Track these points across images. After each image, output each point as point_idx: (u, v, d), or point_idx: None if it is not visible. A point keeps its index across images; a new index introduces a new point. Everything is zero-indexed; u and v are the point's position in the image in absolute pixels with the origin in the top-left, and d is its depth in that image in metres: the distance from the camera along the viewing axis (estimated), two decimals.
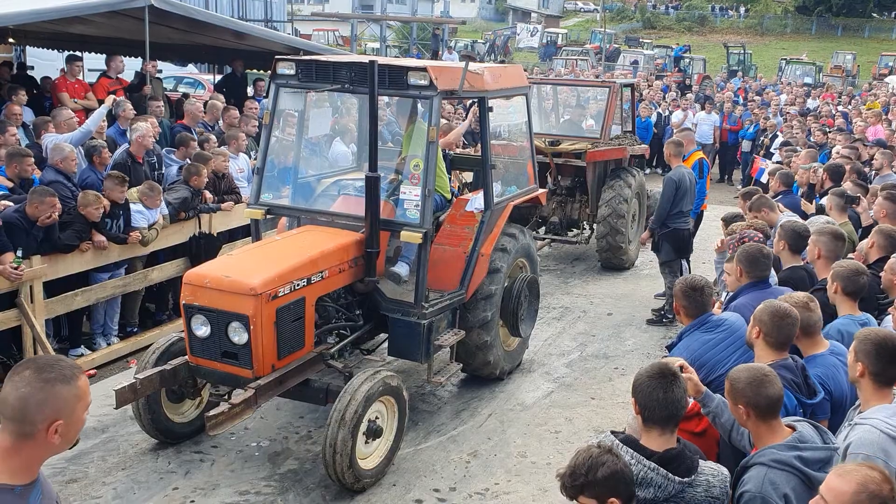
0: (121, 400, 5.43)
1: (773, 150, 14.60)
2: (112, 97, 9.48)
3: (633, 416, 3.22)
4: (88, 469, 5.82)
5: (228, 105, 11.28)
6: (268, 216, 6.69)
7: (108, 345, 7.90)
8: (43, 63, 15.30)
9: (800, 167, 9.78)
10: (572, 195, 11.70)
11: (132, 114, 9.52)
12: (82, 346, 7.75)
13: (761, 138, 16.59)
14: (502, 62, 35.72)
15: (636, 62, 36.70)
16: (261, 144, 6.84)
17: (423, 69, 6.05)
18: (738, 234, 5.68)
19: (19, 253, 6.63)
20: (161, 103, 10.70)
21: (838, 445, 3.16)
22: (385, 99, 7.55)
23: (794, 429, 3.15)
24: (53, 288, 7.24)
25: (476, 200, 6.94)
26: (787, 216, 6.82)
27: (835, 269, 4.64)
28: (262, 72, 14.93)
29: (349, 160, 8.42)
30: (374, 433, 5.64)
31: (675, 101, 21.67)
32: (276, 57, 6.61)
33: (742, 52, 39.82)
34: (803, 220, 6.55)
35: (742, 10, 62.93)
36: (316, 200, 7.00)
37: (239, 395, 5.20)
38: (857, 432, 3.30)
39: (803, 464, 3.01)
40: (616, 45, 44.55)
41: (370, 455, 5.68)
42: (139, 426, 6.02)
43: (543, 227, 11.84)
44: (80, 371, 2.38)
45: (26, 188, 7.26)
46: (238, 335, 5.36)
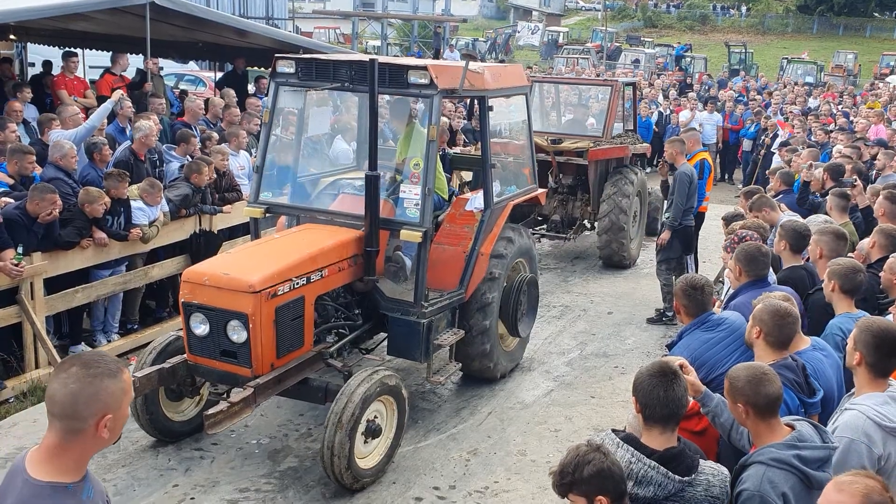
0: None
1: (773, 149, 14.60)
2: (118, 92, 9.48)
3: (634, 415, 3.22)
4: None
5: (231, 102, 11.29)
6: (267, 215, 6.66)
7: (109, 342, 7.91)
8: (44, 60, 15.32)
9: (801, 166, 9.77)
10: (574, 194, 11.72)
11: (131, 111, 9.52)
12: (83, 343, 7.75)
13: (762, 137, 16.58)
14: (502, 61, 35.71)
15: (637, 61, 36.68)
16: (260, 143, 6.82)
17: (424, 68, 6.03)
18: (736, 234, 5.68)
19: (20, 249, 6.64)
20: (163, 100, 10.71)
21: (837, 445, 3.16)
22: (385, 97, 7.50)
23: (793, 428, 3.15)
24: (54, 285, 7.25)
25: (476, 200, 6.91)
26: (788, 216, 6.82)
27: (832, 267, 4.64)
28: (263, 69, 14.95)
29: (350, 158, 8.40)
30: (374, 433, 5.61)
31: (676, 99, 21.63)
32: (276, 55, 6.60)
33: (743, 51, 39.82)
34: (804, 220, 6.55)
35: (743, 9, 62.82)
36: (315, 199, 6.97)
37: (238, 394, 5.17)
38: (845, 417, 3.38)
39: (802, 463, 3.01)
40: (617, 44, 44.51)
41: (369, 454, 5.67)
42: (138, 425, 6.00)
43: (545, 226, 11.83)
44: (124, 365, 2.40)
45: (27, 185, 7.27)
46: (237, 333, 5.33)
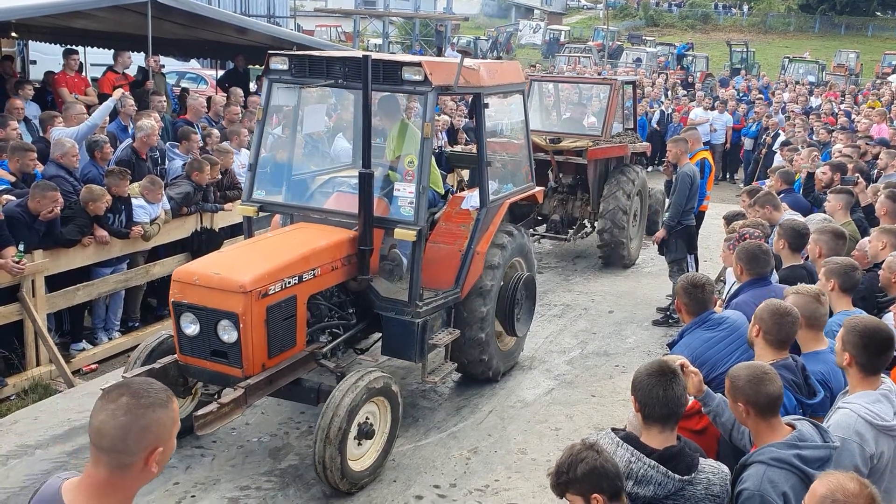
0: None
1: (774, 148, 14.59)
2: (120, 90, 9.50)
3: (634, 414, 3.23)
4: None
5: (229, 101, 11.29)
6: (261, 213, 6.58)
7: (110, 339, 7.93)
8: (45, 58, 15.37)
9: (801, 165, 9.77)
10: (573, 193, 11.69)
11: (133, 110, 9.53)
12: (84, 341, 7.77)
13: (763, 137, 16.57)
14: (499, 57, 35.64)
15: (639, 60, 36.64)
16: (253, 141, 6.75)
17: (418, 64, 5.92)
18: (737, 233, 5.69)
19: (21, 247, 6.65)
20: (164, 98, 10.72)
21: (838, 444, 3.16)
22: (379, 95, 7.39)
23: (793, 427, 3.15)
24: (55, 282, 7.26)
25: (472, 198, 6.85)
26: (789, 214, 6.81)
27: (829, 266, 4.64)
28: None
29: (351, 157, 8.40)
30: (367, 434, 5.52)
31: (678, 99, 21.57)
32: (269, 52, 6.49)
33: (745, 50, 39.74)
34: (803, 219, 6.54)
35: (745, 7, 62.72)
36: (310, 197, 6.87)
37: (228, 395, 5.08)
38: (837, 416, 3.38)
39: (802, 462, 3.01)
40: (619, 43, 44.45)
41: (364, 455, 5.59)
42: None
43: (544, 226, 11.81)
44: (172, 394, 2.26)
45: (28, 183, 7.29)
46: (227, 333, 5.24)
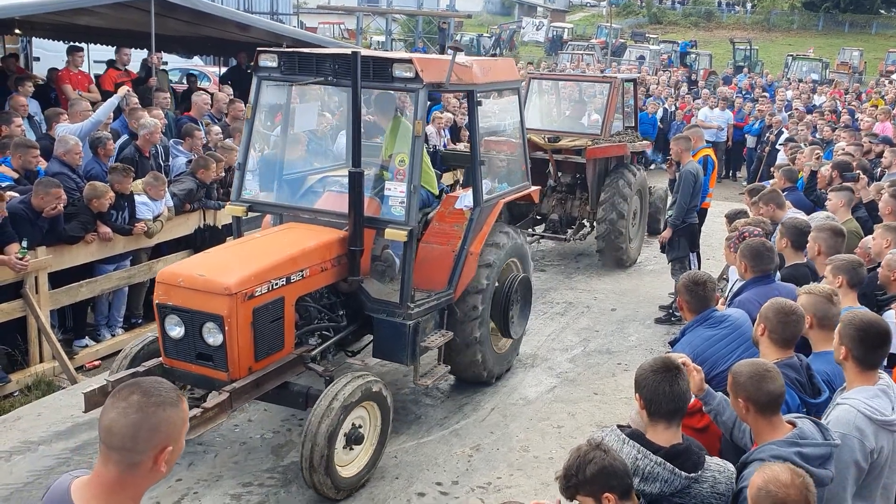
0: (90, 403, 5.14)
1: (777, 146, 14.58)
2: (124, 87, 9.51)
3: (636, 412, 3.23)
4: (92, 460, 5.81)
5: (234, 98, 11.29)
6: (250, 213, 6.47)
7: (113, 336, 7.95)
8: (49, 55, 15.39)
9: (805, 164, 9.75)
10: (572, 192, 11.56)
11: (137, 107, 9.53)
12: (87, 338, 7.79)
13: (766, 135, 16.54)
14: (494, 55, 35.49)
15: (642, 57, 36.58)
16: (242, 139, 6.61)
17: (409, 61, 5.83)
18: (739, 231, 5.68)
19: (24, 244, 6.67)
20: (167, 95, 10.73)
21: (838, 442, 3.16)
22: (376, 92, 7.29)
23: (794, 425, 3.15)
24: (59, 279, 7.28)
25: (465, 198, 6.74)
26: (793, 212, 6.80)
27: (836, 263, 4.63)
28: None
29: None
30: (356, 440, 5.43)
31: (682, 97, 21.52)
32: (258, 49, 6.38)
33: (748, 48, 39.68)
34: (807, 217, 6.53)
35: (748, 5, 62.61)
36: (301, 197, 6.75)
37: (213, 399, 4.96)
38: (837, 412, 3.38)
39: (803, 460, 3.00)
40: (622, 41, 44.40)
41: (353, 461, 5.50)
42: None
43: (543, 225, 11.73)
44: (182, 394, 2.25)
45: (31, 179, 7.30)
46: (213, 336, 5.13)
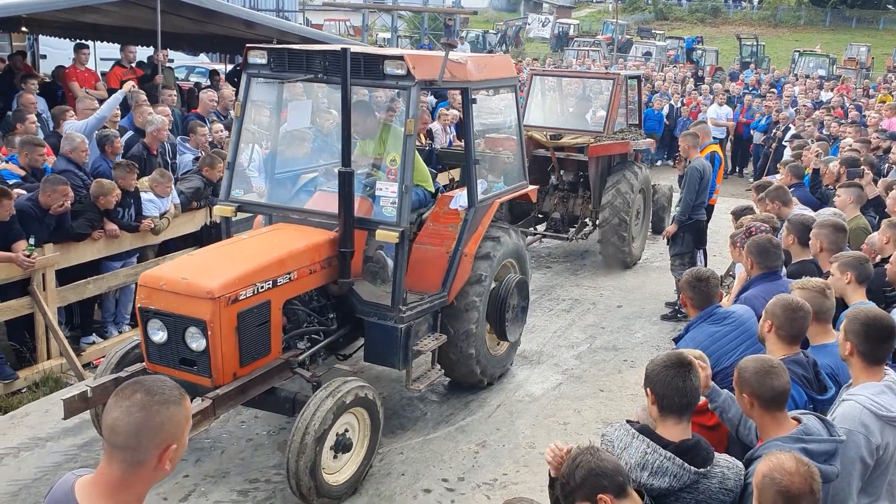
0: (69, 410, 5.01)
1: (784, 142, 14.53)
2: (130, 83, 9.53)
3: (643, 409, 3.23)
4: (100, 456, 5.82)
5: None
6: (239, 213, 6.35)
7: (120, 333, 7.97)
8: (55, 52, 15.44)
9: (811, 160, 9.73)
10: (575, 191, 11.44)
11: (145, 105, 9.55)
12: (94, 335, 7.82)
13: (773, 131, 16.49)
14: (490, 51, 35.43)
15: (648, 54, 36.51)
16: (231, 138, 6.48)
17: (400, 58, 5.70)
18: (745, 227, 5.67)
19: (32, 241, 6.69)
20: (174, 92, 10.76)
21: (843, 438, 3.16)
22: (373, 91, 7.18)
23: (799, 421, 3.15)
24: (66, 276, 7.30)
25: (460, 198, 6.62)
26: (799, 209, 6.78)
27: (843, 259, 4.62)
28: None
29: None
30: (344, 447, 5.32)
31: (689, 94, 21.44)
32: (247, 45, 6.25)
33: (755, 43, 39.56)
34: (814, 213, 6.51)
35: (755, 1, 62.39)
36: (291, 197, 6.61)
37: (195, 406, 4.78)
38: (842, 408, 3.38)
39: (808, 456, 3.00)
40: (628, 37, 44.29)
41: (341, 469, 5.39)
42: (98, 434, 5.61)
43: (544, 224, 11.67)
44: (185, 392, 2.27)
45: (38, 177, 7.33)
46: (196, 341, 5.00)
